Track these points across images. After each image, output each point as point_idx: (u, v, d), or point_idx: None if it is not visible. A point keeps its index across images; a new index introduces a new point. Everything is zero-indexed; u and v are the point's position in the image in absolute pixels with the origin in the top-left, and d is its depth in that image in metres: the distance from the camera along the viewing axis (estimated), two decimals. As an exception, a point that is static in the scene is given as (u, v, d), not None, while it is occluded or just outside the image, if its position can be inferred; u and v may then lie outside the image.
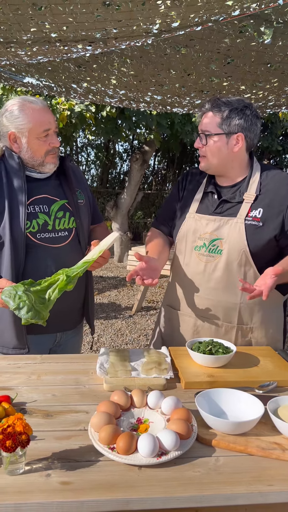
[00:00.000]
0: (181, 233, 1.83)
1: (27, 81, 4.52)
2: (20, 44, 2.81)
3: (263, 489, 0.94)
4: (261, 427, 1.16)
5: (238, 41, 3.05)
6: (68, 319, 1.86)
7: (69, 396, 1.35)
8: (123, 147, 12.01)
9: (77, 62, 3.72)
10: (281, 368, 1.55)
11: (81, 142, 11.72)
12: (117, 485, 0.94)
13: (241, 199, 1.74)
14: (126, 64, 3.66)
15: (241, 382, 1.43)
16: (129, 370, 1.47)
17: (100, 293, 6.53)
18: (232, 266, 1.70)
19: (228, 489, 0.94)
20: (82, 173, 2.02)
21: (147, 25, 2.64)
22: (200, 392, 1.23)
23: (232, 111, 1.70)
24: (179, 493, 0.93)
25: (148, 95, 4.24)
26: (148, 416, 1.19)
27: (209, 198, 1.82)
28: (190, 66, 3.50)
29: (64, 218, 1.77)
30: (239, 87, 3.86)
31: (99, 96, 4.52)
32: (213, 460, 1.04)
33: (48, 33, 2.60)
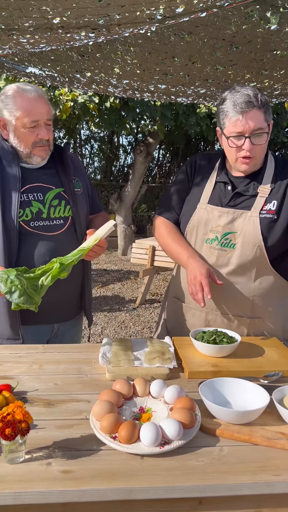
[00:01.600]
0: (192, 224, 1.76)
1: (30, 71, 4.48)
2: (22, 31, 2.77)
3: (269, 479, 0.92)
4: (266, 416, 1.13)
5: (243, 28, 2.99)
6: (65, 310, 1.83)
7: (71, 385, 1.33)
8: (127, 139, 11.94)
9: (80, 51, 3.68)
10: (287, 358, 1.52)
11: (84, 134, 11.66)
12: (119, 474, 0.92)
13: (255, 192, 1.68)
14: (129, 53, 3.61)
15: (245, 372, 1.41)
16: (132, 359, 1.45)
17: (104, 286, 6.52)
18: (245, 260, 1.66)
19: (232, 479, 0.92)
20: (81, 162, 1.99)
21: (150, 11, 2.58)
22: (204, 381, 1.20)
23: (268, 101, 1.62)
24: (182, 482, 0.90)
25: (152, 84, 4.19)
26: (151, 405, 1.17)
27: (222, 189, 1.75)
28: (194, 54, 3.44)
29: (60, 207, 1.74)
30: (244, 75, 3.80)
31: (102, 86, 4.47)
32: (217, 450, 1.02)
33: (50, 19, 2.56)
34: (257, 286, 1.67)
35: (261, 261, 1.64)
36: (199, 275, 1.63)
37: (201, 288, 1.61)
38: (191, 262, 1.69)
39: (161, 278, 7.03)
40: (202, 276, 1.62)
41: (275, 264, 1.66)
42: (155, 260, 5.49)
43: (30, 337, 1.74)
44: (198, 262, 1.68)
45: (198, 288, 1.63)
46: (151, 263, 5.51)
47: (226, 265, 1.68)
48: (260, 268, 1.65)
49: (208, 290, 1.61)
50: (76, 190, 1.83)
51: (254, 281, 1.67)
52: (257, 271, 1.65)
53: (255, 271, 1.65)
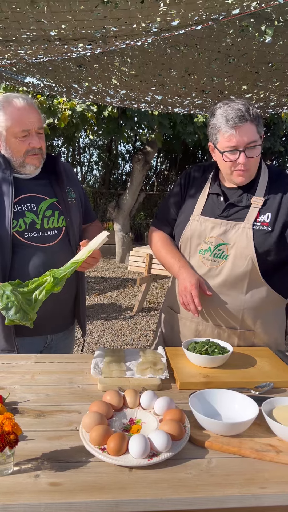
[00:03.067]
0: (186, 235, 1.78)
1: (28, 81, 4.51)
2: (20, 43, 2.80)
3: (256, 492, 0.92)
4: (256, 428, 1.13)
5: (238, 40, 3.03)
6: (58, 321, 1.83)
7: (62, 396, 1.33)
8: (126, 148, 12.01)
9: (78, 62, 3.71)
10: (278, 369, 1.52)
11: (83, 143, 11.73)
12: (107, 487, 0.92)
13: (248, 203, 1.69)
14: (126, 64, 3.65)
15: (237, 383, 1.41)
16: (123, 370, 1.45)
17: (101, 293, 6.52)
18: (237, 272, 1.67)
19: (221, 491, 0.92)
20: (74, 172, 2.00)
21: (146, 24, 2.62)
22: (194, 393, 1.21)
23: (260, 114, 1.63)
24: (170, 495, 0.91)
25: (149, 95, 4.23)
26: (141, 416, 1.17)
27: (214, 200, 1.76)
28: (190, 66, 3.48)
29: (53, 217, 1.75)
30: (240, 87, 3.84)
31: (100, 96, 4.51)
32: (206, 462, 1.02)
33: (47, 31, 2.59)
34: (248, 299, 1.68)
35: (253, 273, 1.65)
36: (189, 286, 1.65)
37: (192, 298, 1.64)
38: (182, 273, 1.72)
39: (158, 286, 7.04)
40: (192, 286, 1.65)
41: (268, 277, 1.67)
42: (152, 268, 5.51)
43: (24, 348, 1.74)
44: (189, 273, 1.70)
45: (189, 298, 1.65)
46: (148, 271, 5.52)
47: (218, 276, 1.69)
48: (252, 280, 1.66)
49: (198, 301, 1.63)
50: (69, 200, 1.84)
51: (246, 293, 1.67)
52: (249, 283, 1.66)
53: (246, 283, 1.66)
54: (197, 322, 1.77)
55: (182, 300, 1.70)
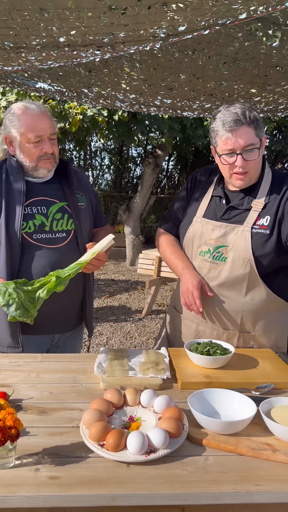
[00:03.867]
0: (188, 237, 1.81)
1: (39, 86, 4.59)
2: (30, 49, 2.86)
3: (250, 489, 0.94)
4: (254, 427, 1.15)
5: (246, 44, 3.05)
6: (65, 320, 1.87)
7: (65, 394, 1.36)
8: (137, 151, 12.07)
9: (88, 67, 3.77)
10: (280, 370, 1.54)
11: (95, 147, 11.82)
12: (104, 481, 0.95)
13: (249, 206, 1.70)
14: (135, 69, 3.69)
15: (238, 384, 1.43)
16: (126, 369, 1.48)
17: (111, 296, 6.56)
18: (236, 274, 1.68)
19: (215, 487, 0.94)
20: (86, 178, 2.04)
21: (154, 29, 2.66)
22: (193, 392, 1.23)
23: (259, 117, 1.65)
24: (165, 490, 0.93)
25: (158, 99, 4.26)
26: (141, 414, 1.19)
27: (217, 203, 1.79)
28: (198, 70, 3.51)
29: (63, 220, 1.80)
30: (248, 90, 3.85)
31: (110, 101, 4.56)
32: (203, 459, 1.04)
33: (56, 37, 2.65)
34: (248, 301, 1.69)
35: (252, 276, 1.66)
36: (191, 287, 1.68)
37: (194, 299, 1.67)
38: (185, 273, 1.75)
39: (167, 288, 7.05)
40: (194, 287, 1.67)
41: (268, 280, 1.68)
42: (161, 271, 5.53)
43: (31, 346, 1.78)
44: (192, 274, 1.73)
45: (191, 299, 1.69)
46: (157, 274, 5.54)
47: (217, 278, 1.71)
48: (251, 283, 1.67)
49: (199, 303, 1.65)
50: (80, 204, 1.88)
51: (245, 295, 1.69)
52: (248, 286, 1.68)
53: (245, 285, 1.67)
54: (197, 323, 1.79)
55: (184, 300, 1.73)
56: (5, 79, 4.56)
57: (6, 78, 4.51)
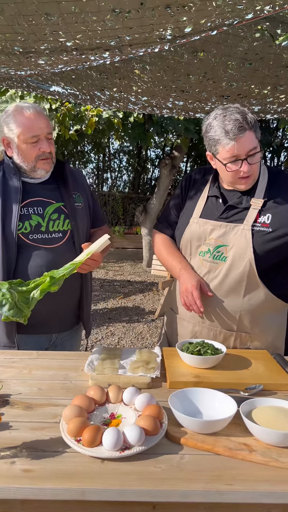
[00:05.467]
0: (185, 238, 1.81)
1: (53, 89, 4.67)
2: (39, 54, 2.92)
3: (221, 488, 0.93)
4: (234, 427, 1.15)
5: (255, 44, 3.03)
6: (62, 320, 1.89)
7: (54, 390, 1.38)
8: (155, 153, 12.09)
9: (99, 70, 3.81)
10: (272, 371, 1.52)
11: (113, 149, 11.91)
12: (77, 476, 0.96)
13: (248, 204, 1.70)
14: (145, 71, 3.71)
15: (226, 384, 1.42)
16: (116, 367, 1.49)
17: (125, 296, 6.59)
18: (235, 274, 1.68)
19: (186, 486, 0.94)
20: (84, 178, 2.06)
21: (159, 32, 2.67)
22: (176, 391, 1.23)
23: (255, 120, 1.63)
24: (135, 486, 0.94)
25: (170, 101, 4.27)
26: (122, 411, 1.20)
27: (214, 202, 1.78)
28: (208, 71, 3.50)
29: (59, 220, 1.82)
30: (260, 91, 3.82)
31: (122, 103, 4.60)
32: (178, 458, 1.04)
33: (63, 42, 2.69)
34: (246, 301, 1.68)
35: (251, 276, 1.65)
36: (190, 287, 1.68)
37: (194, 300, 1.67)
38: (183, 274, 1.75)
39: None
40: (193, 287, 1.67)
41: (267, 281, 1.67)
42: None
43: (28, 346, 1.82)
44: (190, 274, 1.73)
45: (190, 299, 1.68)
46: (170, 275, 5.54)
47: (217, 277, 1.70)
48: (250, 282, 1.66)
49: (200, 303, 1.65)
50: (76, 204, 1.90)
51: (244, 296, 1.68)
52: (247, 286, 1.67)
53: (245, 285, 1.66)
54: (194, 323, 1.79)
55: (183, 301, 1.73)
56: (21, 83, 4.66)
57: (22, 82, 4.61)
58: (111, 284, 7.48)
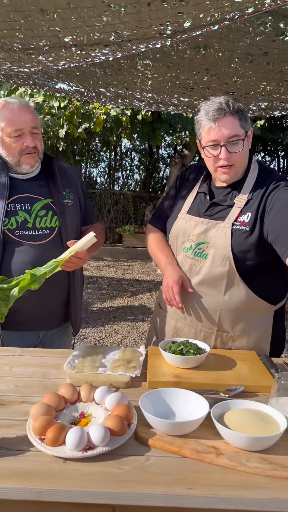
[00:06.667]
0: (173, 233, 1.80)
1: (59, 86, 4.67)
2: (38, 50, 2.92)
3: (181, 492, 0.90)
4: (206, 430, 1.11)
5: (258, 39, 2.97)
6: (49, 318, 1.87)
7: (30, 387, 1.37)
8: (167, 151, 12.04)
9: (102, 67, 3.79)
10: (256, 373, 1.48)
11: (125, 147, 11.90)
12: (36, 476, 0.94)
13: (232, 202, 1.66)
14: (149, 67, 3.68)
15: (207, 385, 1.38)
16: (96, 366, 1.47)
17: (132, 295, 6.57)
18: (215, 272, 1.64)
19: (145, 488, 0.91)
20: (75, 174, 2.04)
21: (158, 27, 2.64)
22: (149, 391, 1.20)
23: (244, 109, 1.61)
24: (95, 488, 0.91)
25: (175, 97, 4.23)
26: (92, 411, 1.18)
27: (202, 199, 1.76)
28: (212, 67, 3.45)
29: (46, 217, 1.80)
30: (265, 87, 3.75)
31: (128, 100, 4.57)
32: (143, 459, 1.01)
33: (61, 38, 2.68)
34: (226, 300, 1.64)
35: (231, 274, 1.61)
36: (171, 282, 1.67)
37: (174, 295, 1.65)
38: (168, 269, 1.73)
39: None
40: (174, 283, 1.65)
41: (249, 280, 1.62)
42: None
43: (15, 342, 1.80)
44: (174, 269, 1.71)
45: (170, 294, 1.67)
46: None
47: (197, 274, 1.67)
48: (230, 281, 1.62)
49: (179, 298, 1.63)
50: (66, 201, 1.89)
51: (224, 294, 1.64)
52: (227, 284, 1.63)
53: (225, 283, 1.63)
54: (177, 319, 1.76)
55: (165, 296, 1.72)
56: (27, 80, 4.67)
57: (28, 79, 4.62)
58: (119, 283, 7.47)
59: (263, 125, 7.42)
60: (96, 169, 11.88)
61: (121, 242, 10.42)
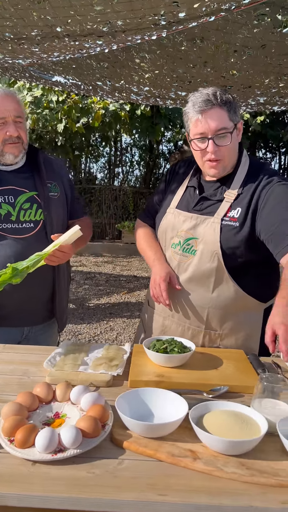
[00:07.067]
0: (161, 228, 1.75)
1: (56, 79, 4.60)
2: (30, 40, 2.86)
3: (153, 499, 0.86)
4: (185, 432, 1.06)
5: (255, 31, 2.90)
6: (33, 313, 1.83)
7: (8, 386, 1.32)
8: (167, 147, 11.96)
9: (98, 59, 3.73)
10: (242, 372, 1.43)
11: (125, 143, 11.82)
12: (3, 479, 0.89)
13: (221, 197, 1.61)
14: (145, 60, 3.62)
15: (190, 385, 1.34)
16: (78, 364, 1.43)
17: (129, 292, 6.53)
18: (204, 268, 1.59)
19: (114, 494, 0.86)
20: (62, 167, 1.99)
21: (152, 16, 2.57)
22: (128, 391, 1.16)
23: (233, 99, 1.55)
24: (61, 493, 0.87)
25: (172, 91, 4.17)
26: (67, 411, 1.13)
27: (191, 193, 1.71)
28: (209, 60, 3.39)
29: (31, 210, 1.76)
30: (263, 81, 3.68)
31: (125, 94, 4.50)
32: (116, 463, 0.97)
33: (53, 27, 2.62)
34: (214, 297, 1.59)
35: (219, 271, 1.56)
36: (158, 278, 1.62)
37: (161, 292, 1.60)
38: (155, 265, 1.69)
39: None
40: (161, 279, 1.61)
41: (238, 277, 1.57)
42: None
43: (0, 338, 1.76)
44: (161, 265, 1.67)
45: (158, 291, 1.62)
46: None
47: (185, 271, 1.62)
48: (219, 278, 1.57)
49: (166, 295, 1.58)
50: (51, 194, 1.83)
51: (212, 291, 1.59)
52: (216, 281, 1.58)
53: (213, 280, 1.58)
54: (164, 317, 1.72)
55: (152, 292, 1.67)
56: (23, 73, 4.61)
57: (24, 72, 4.56)
58: (117, 279, 7.42)
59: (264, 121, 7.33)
60: (97, 164, 11.81)
61: (120, 238, 10.37)
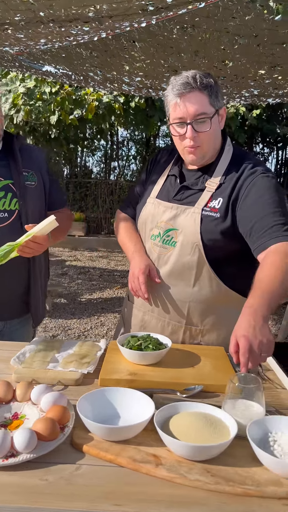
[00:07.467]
0: (141, 219, 1.68)
1: (46, 69, 4.51)
2: (14, 25, 2.76)
3: (106, 509, 0.79)
4: (150, 435, 0.99)
5: (247, 19, 2.81)
6: (7, 307, 1.75)
7: (-29, 383, 1.25)
8: (164, 142, 11.85)
9: (88, 48, 3.64)
10: (219, 370, 1.36)
11: (122, 137, 11.71)
12: None
13: (203, 186, 1.54)
14: (135, 48, 3.52)
15: (163, 383, 1.27)
16: (47, 361, 1.36)
17: (123, 287, 6.46)
18: (184, 261, 1.52)
19: (65, 504, 0.80)
20: (41, 156, 1.90)
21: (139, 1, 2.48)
22: (92, 391, 1.09)
23: (216, 83, 1.47)
24: (7, 502, 0.80)
25: (164, 81, 4.08)
26: (27, 411, 1.06)
27: (172, 182, 1.63)
28: (200, 48, 3.30)
29: (5, 199, 1.68)
30: (257, 72, 3.59)
31: (116, 84, 4.41)
32: (73, 468, 0.90)
33: (36, 12, 2.53)
34: (196, 291, 1.52)
35: (200, 264, 1.49)
36: (137, 271, 1.55)
37: (140, 285, 1.53)
38: (134, 257, 1.62)
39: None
40: (140, 272, 1.54)
41: (219, 270, 1.50)
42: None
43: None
44: (141, 258, 1.60)
45: (136, 284, 1.55)
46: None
47: (165, 263, 1.55)
48: (200, 271, 1.50)
49: (144, 289, 1.51)
50: (28, 183, 1.76)
51: (193, 285, 1.52)
52: (197, 274, 1.51)
53: (194, 273, 1.51)
54: (144, 312, 1.65)
55: (130, 286, 1.60)
56: (13, 62, 4.50)
57: (14, 61, 4.46)
58: (111, 274, 7.35)
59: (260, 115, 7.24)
60: (93, 158, 11.71)
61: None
